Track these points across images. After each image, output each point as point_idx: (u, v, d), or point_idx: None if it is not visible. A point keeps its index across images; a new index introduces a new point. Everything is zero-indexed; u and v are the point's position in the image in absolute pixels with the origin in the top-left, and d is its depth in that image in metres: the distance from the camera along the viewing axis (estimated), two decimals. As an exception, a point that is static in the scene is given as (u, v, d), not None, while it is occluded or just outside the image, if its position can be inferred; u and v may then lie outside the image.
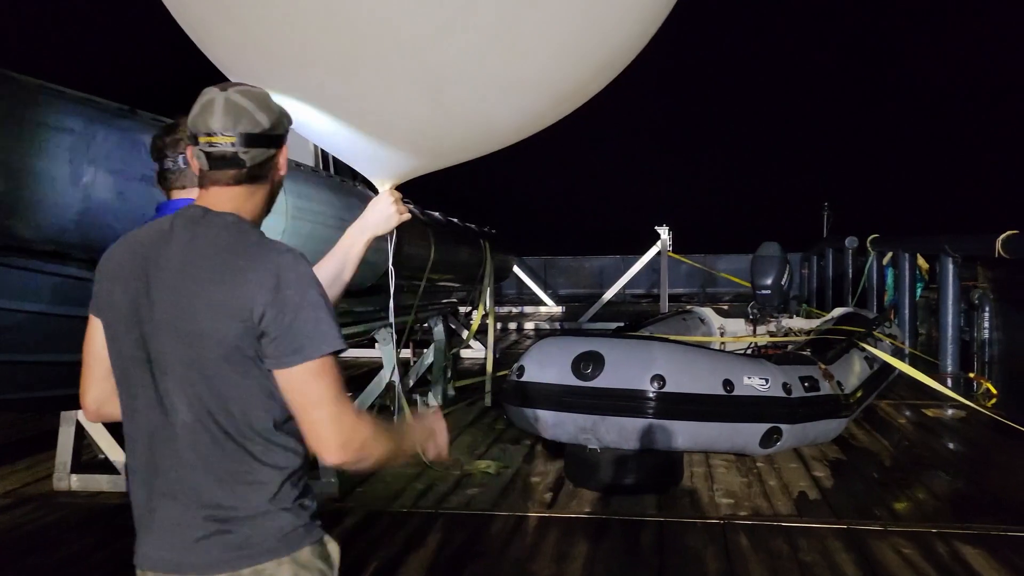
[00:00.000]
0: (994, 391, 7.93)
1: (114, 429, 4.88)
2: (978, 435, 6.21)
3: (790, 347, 6.35)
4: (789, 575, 3.67)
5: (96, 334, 1.63)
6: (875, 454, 5.70)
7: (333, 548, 1.62)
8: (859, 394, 5.66)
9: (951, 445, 6.08)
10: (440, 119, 2.21)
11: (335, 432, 1.48)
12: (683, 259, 17.11)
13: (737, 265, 19.38)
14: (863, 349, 6.27)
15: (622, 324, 7.78)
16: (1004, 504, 4.55)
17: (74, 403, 4.40)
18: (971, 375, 8.20)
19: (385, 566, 3.86)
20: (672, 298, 19.08)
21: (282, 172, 1.64)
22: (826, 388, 5.14)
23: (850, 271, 14.20)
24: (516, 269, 15.58)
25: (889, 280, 13.32)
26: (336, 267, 2.02)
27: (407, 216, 2.14)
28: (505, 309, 16.77)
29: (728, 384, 4.65)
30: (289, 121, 1.63)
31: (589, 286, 20.78)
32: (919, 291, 12.49)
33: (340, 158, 2.54)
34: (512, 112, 2.30)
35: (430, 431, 1.80)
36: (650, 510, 4.59)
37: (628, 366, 4.62)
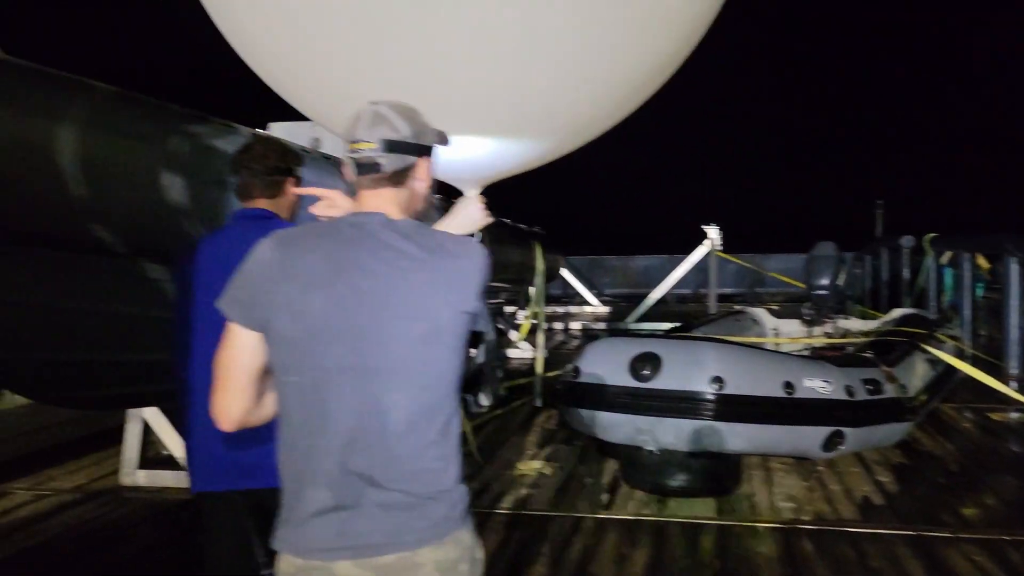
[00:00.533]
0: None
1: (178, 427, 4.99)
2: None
3: (849, 349, 6.22)
4: (856, 582, 3.61)
5: (242, 344, 1.58)
6: (940, 459, 5.56)
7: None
8: (923, 397, 5.53)
9: (1018, 450, 5.90)
10: (522, 131, 2.50)
11: None
12: (732, 258, 16.89)
13: (787, 265, 19.08)
14: (925, 351, 6.12)
15: (676, 324, 7.71)
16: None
17: (142, 401, 4.52)
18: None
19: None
20: (720, 298, 18.87)
21: (424, 182, 1.69)
22: (889, 391, 5.03)
23: (906, 271, 13.88)
24: (562, 269, 15.53)
25: (948, 280, 12.99)
26: None
27: (491, 219, 2.15)
28: (550, 309, 16.73)
29: (788, 386, 4.57)
30: (439, 138, 1.71)
31: (635, 286, 20.60)
32: (980, 292, 12.17)
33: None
34: (579, 121, 2.50)
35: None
36: (710, 513, 4.54)
37: (686, 367, 4.57)
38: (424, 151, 1.66)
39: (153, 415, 5.01)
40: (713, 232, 14.28)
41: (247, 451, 2.17)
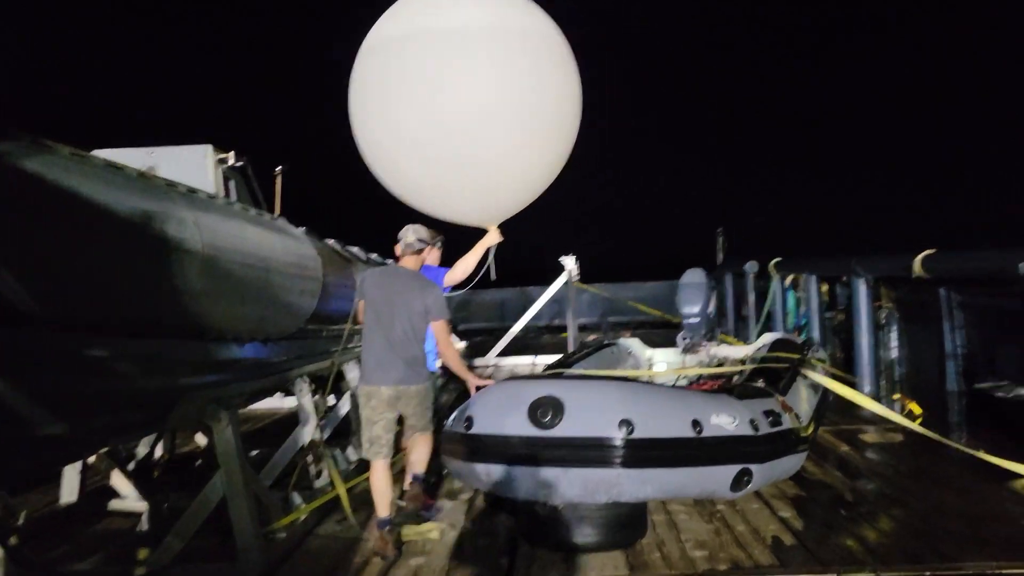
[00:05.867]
0: (918, 411, 7.98)
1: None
2: (927, 461, 6.06)
3: (735, 378, 6.08)
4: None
5: (363, 306, 4.83)
6: (832, 487, 5.47)
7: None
8: (812, 424, 5.43)
9: (904, 472, 5.88)
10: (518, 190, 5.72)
11: (444, 344, 4.87)
12: (592, 288, 16.99)
13: (638, 293, 19.48)
14: (806, 377, 6.08)
15: (553, 360, 7.36)
16: (987, 539, 4.32)
17: None
18: (896, 396, 8.21)
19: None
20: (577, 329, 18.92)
21: (427, 255, 5.26)
22: (787, 422, 4.86)
23: (752, 296, 14.38)
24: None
25: (791, 303, 13.51)
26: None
27: (502, 238, 5.82)
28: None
29: (697, 425, 4.28)
30: (435, 240, 5.64)
31: (490, 320, 20.39)
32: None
33: (461, 220, 5.78)
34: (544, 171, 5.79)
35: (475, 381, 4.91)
36: (621, 570, 4.16)
37: (591, 411, 4.18)
38: (427, 245, 4.97)
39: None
40: (570, 263, 14.21)
41: None
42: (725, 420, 4.40)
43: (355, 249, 6.74)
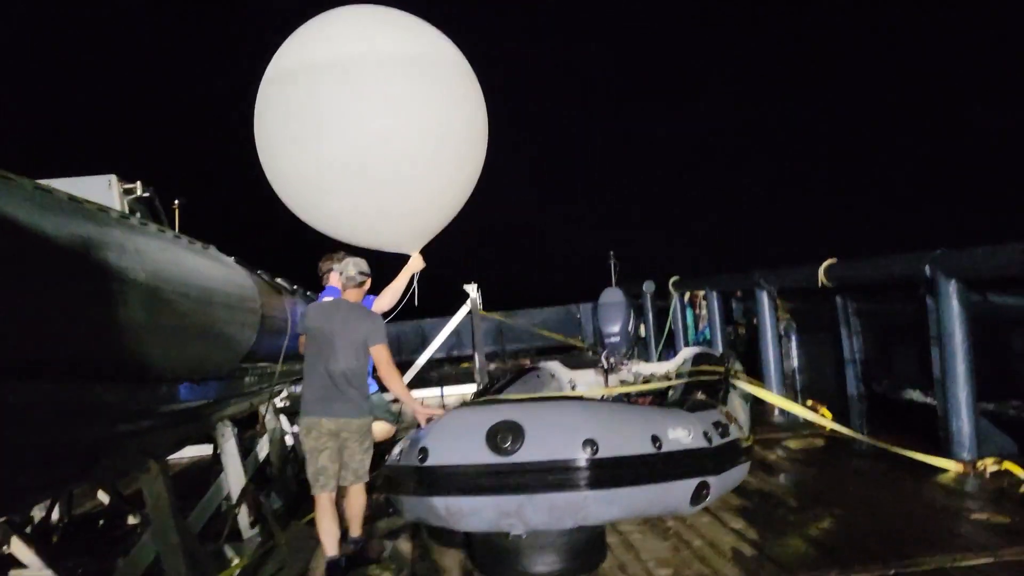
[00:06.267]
0: (828, 415, 8.26)
1: None
2: (855, 462, 6.24)
3: (670, 393, 6.10)
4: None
5: (304, 340, 4.94)
6: (773, 495, 5.54)
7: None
8: (751, 434, 5.49)
9: (836, 474, 6.00)
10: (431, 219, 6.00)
11: (387, 370, 4.74)
12: (495, 316, 16.92)
13: (534, 319, 19.52)
14: (737, 387, 6.18)
15: (479, 389, 7.19)
16: (936, 534, 4.42)
17: None
18: (809, 403, 8.48)
19: None
20: (468, 358, 18.75)
21: (367, 287, 5.00)
22: (734, 432, 4.89)
23: (651, 315, 14.65)
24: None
25: (689, 320, 13.85)
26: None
27: (424, 264, 5.99)
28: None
29: (656, 440, 4.21)
30: (370, 274, 5.01)
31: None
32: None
33: (383, 247, 6.02)
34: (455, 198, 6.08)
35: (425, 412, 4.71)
36: (590, 596, 4.02)
37: (553, 433, 4.05)
38: (368, 277, 4.95)
39: None
40: (473, 291, 14.09)
41: None
42: (681, 434, 4.35)
43: (281, 280, 6.38)
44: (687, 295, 13.47)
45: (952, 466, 5.67)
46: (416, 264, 5.86)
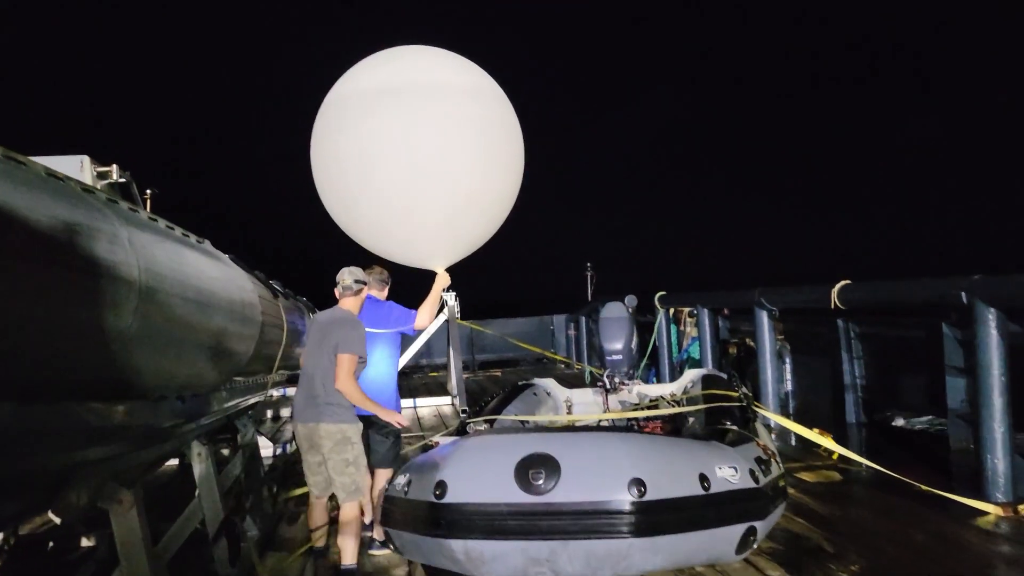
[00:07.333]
0: (834, 445, 7.87)
1: None
2: (880, 499, 5.84)
3: (691, 420, 5.62)
4: None
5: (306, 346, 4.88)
6: (803, 536, 5.08)
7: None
8: (783, 469, 5.05)
9: (865, 512, 5.56)
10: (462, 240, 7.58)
11: (343, 379, 4.52)
12: (472, 325, 16.37)
13: (506, 330, 18.97)
14: (758, 415, 5.73)
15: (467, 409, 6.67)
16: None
17: None
18: (816, 431, 8.09)
19: None
20: (441, 367, 18.15)
21: (364, 296, 4.96)
22: (775, 469, 4.44)
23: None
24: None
25: (673, 337, 13.47)
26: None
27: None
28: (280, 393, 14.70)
29: (704, 480, 3.74)
30: (365, 282, 5.00)
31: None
32: (695, 347, 12.65)
33: (413, 263, 7.44)
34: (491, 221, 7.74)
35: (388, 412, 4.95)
36: (629, 658, 3.51)
37: (594, 470, 3.54)
38: (365, 286, 4.95)
39: None
40: (451, 299, 13.55)
41: None
42: (728, 472, 3.89)
43: (275, 283, 5.79)
44: (671, 311, 13.10)
45: (992, 509, 5.29)
46: (444, 280, 6.28)
